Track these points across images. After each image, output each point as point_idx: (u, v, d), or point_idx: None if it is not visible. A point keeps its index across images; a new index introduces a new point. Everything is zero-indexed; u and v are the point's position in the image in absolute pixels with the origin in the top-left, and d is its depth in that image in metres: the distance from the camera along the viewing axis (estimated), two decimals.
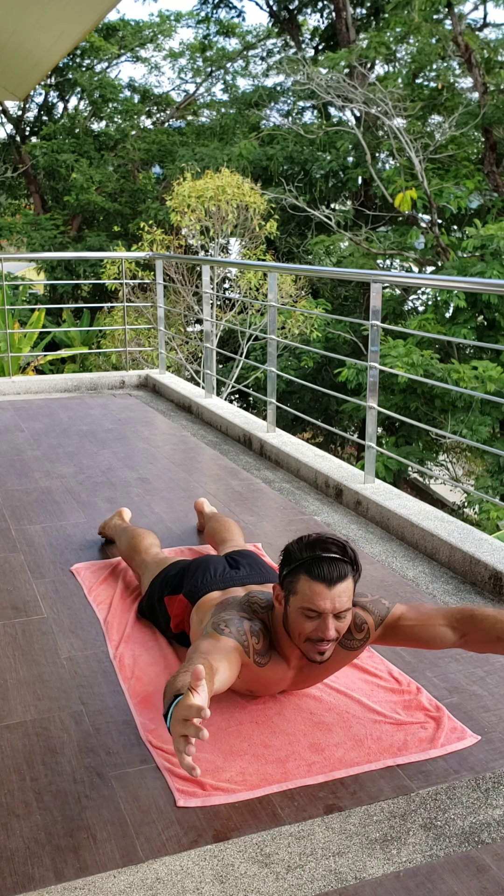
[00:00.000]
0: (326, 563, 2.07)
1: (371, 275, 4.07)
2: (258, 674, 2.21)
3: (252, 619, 2.20)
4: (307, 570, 2.08)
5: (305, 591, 2.08)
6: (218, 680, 1.93)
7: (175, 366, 13.26)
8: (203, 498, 3.81)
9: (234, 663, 2.05)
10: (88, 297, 21.11)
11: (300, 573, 2.09)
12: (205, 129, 21.56)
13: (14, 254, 11.74)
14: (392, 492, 4.01)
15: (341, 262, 15.86)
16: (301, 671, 2.26)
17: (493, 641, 2.16)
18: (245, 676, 2.20)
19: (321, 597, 2.06)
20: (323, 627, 2.08)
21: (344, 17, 18.02)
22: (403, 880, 1.76)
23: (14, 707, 2.38)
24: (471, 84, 16.11)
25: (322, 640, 2.09)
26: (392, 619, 2.25)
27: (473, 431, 11.75)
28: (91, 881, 1.76)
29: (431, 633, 2.22)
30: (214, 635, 2.11)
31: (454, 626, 2.21)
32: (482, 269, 12.47)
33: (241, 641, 2.12)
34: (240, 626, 2.15)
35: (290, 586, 2.12)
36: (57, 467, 4.72)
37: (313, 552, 2.09)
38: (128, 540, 3.21)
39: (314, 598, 2.06)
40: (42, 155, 19.94)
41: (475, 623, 2.18)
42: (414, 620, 2.24)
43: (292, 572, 2.11)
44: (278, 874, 1.78)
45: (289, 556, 2.15)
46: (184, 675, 1.84)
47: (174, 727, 1.67)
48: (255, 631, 2.17)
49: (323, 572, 2.06)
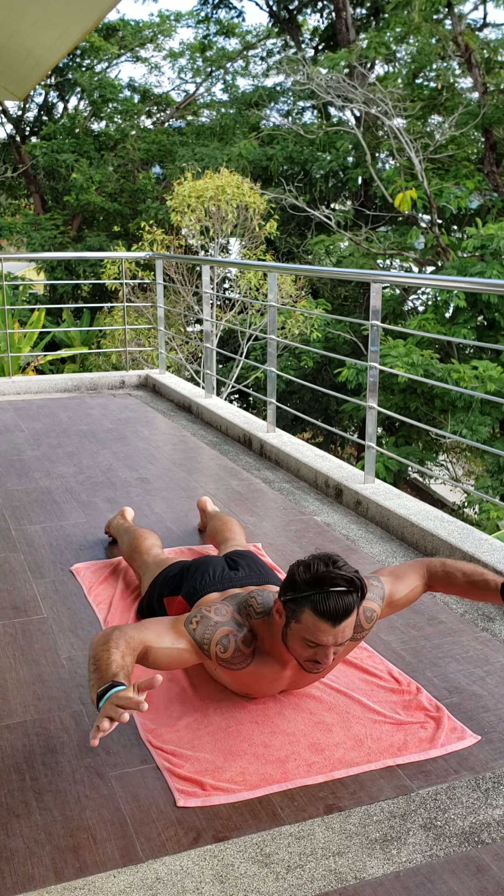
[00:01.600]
0: (333, 599, 1.98)
1: (371, 275, 4.07)
2: (244, 676, 2.22)
3: (240, 626, 2.18)
4: (312, 606, 2.00)
5: (309, 624, 2.01)
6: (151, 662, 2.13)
7: (175, 366, 13.26)
8: (206, 497, 3.81)
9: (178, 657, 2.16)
10: (88, 297, 21.12)
11: (305, 605, 2.01)
12: (205, 129, 21.56)
13: (14, 254, 11.74)
14: (392, 492, 4.01)
15: (341, 262, 15.86)
16: (300, 670, 2.26)
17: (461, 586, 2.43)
18: (233, 680, 2.25)
19: (325, 633, 2.01)
20: (322, 655, 2.05)
21: (344, 17, 18.02)
22: (403, 880, 1.76)
23: (14, 707, 2.38)
24: (471, 84, 16.11)
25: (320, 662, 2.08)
26: (388, 599, 2.38)
27: (473, 431, 11.75)
28: (91, 881, 1.76)
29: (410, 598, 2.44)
30: (178, 624, 2.20)
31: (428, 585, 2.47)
32: (482, 269, 12.47)
33: (200, 643, 2.16)
34: (209, 631, 2.16)
35: (294, 614, 2.05)
36: (57, 467, 4.72)
37: (321, 588, 1.99)
38: (129, 540, 3.21)
39: (317, 634, 2.01)
40: (42, 155, 19.94)
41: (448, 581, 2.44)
42: (402, 593, 2.42)
43: (297, 601, 2.04)
44: (278, 874, 1.78)
45: (294, 583, 2.05)
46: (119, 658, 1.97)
47: (106, 708, 1.82)
48: (228, 642, 2.15)
49: (329, 610, 1.98)
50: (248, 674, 2.23)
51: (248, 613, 2.23)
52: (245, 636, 2.18)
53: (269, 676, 2.25)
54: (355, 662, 2.59)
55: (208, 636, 2.16)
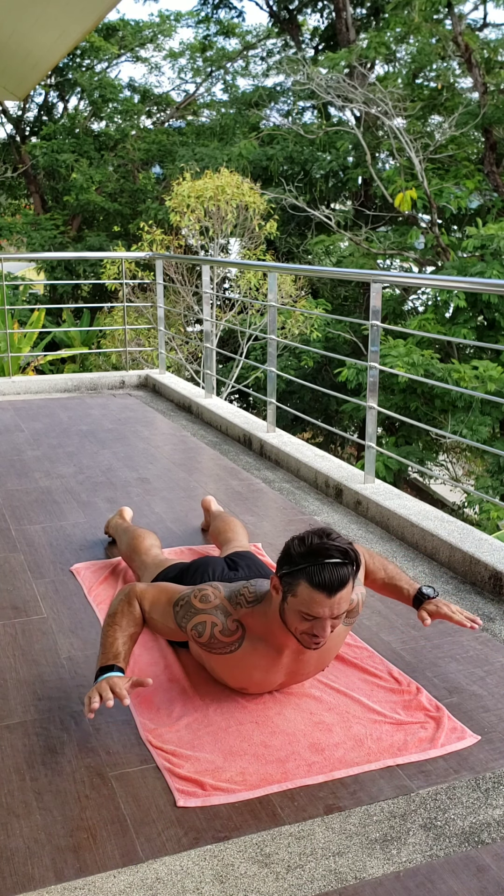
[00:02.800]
0: (328, 570, 2.03)
1: (371, 275, 4.07)
2: (227, 662, 2.28)
3: (225, 615, 2.23)
4: (308, 578, 2.04)
5: (305, 596, 2.05)
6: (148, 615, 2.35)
7: (175, 366, 13.26)
8: (211, 496, 3.81)
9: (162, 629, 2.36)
10: (88, 297, 21.11)
11: (300, 578, 2.05)
12: (205, 129, 21.56)
13: (14, 254, 11.74)
14: (392, 492, 4.01)
15: (341, 262, 15.86)
16: (298, 656, 2.26)
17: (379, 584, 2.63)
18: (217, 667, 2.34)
19: (321, 605, 2.04)
20: (320, 628, 2.08)
21: (344, 17, 18.02)
22: (403, 880, 1.76)
23: (14, 707, 2.38)
24: (471, 84, 16.11)
25: (318, 636, 2.10)
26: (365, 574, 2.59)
27: (473, 431, 11.75)
28: (91, 881, 1.76)
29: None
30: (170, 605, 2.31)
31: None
32: (482, 269, 12.47)
33: (179, 624, 2.28)
34: (187, 616, 2.25)
35: (290, 587, 2.09)
36: (57, 467, 4.72)
37: (316, 560, 2.04)
38: (128, 540, 3.21)
39: (313, 606, 2.04)
40: (42, 155, 19.94)
41: (372, 574, 2.63)
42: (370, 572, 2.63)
43: (292, 574, 2.08)
44: (278, 874, 1.78)
45: (289, 556, 2.10)
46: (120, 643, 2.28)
47: (100, 685, 2.14)
48: (203, 629, 2.23)
49: (324, 581, 2.02)
50: (239, 659, 2.24)
51: (237, 602, 2.24)
52: (225, 626, 2.22)
53: (263, 664, 2.25)
54: (355, 662, 2.59)
55: (185, 621, 2.26)
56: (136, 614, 2.35)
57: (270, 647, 2.22)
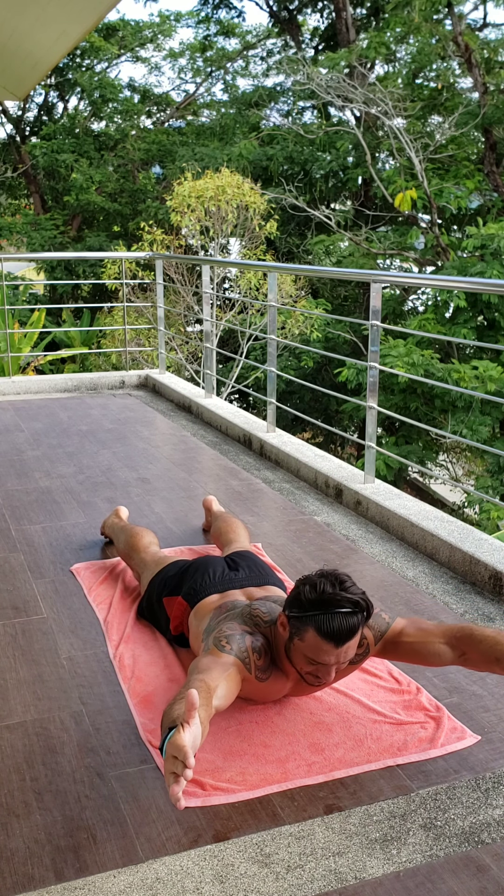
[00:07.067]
0: (338, 620, 1.99)
1: (371, 275, 4.07)
2: (259, 688, 2.21)
3: (254, 634, 2.18)
4: (317, 627, 2.01)
5: (312, 643, 2.03)
6: (217, 698, 1.94)
7: (175, 366, 13.26)
8: (212, 496, 3.81)
9: (233, 680, 2.05)
10: (88, 297, 21.11)
11: (309, 624, 2.03)
12: (205, 129, 21.56)
13: (14, 254, 11.74)
14: (392, 492, 4.00)
15: (341, 262, 15.86)
16: (300, 682, 2.26)
17: (491, 662, 2.13)
18: (246, 690, 2.20)
19: (328, 654, 2.03)
20: (324, 673, 2.08)
21: (344, 17, 18.02)
22: (403, 880, 1.76)
23: (14, 707, 2.38)
24: (471, 84, 16.11)
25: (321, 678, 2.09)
26: (392, 635, 2.24)
27: (473, 431, 11.75)
28: (91, 881, 1.76)
29: (430, 650, 2.21)
30: (215, 651, 2.09)
31: (453, 644, 2.19)
32: (482, 269, 12.47)
33: (241, 658, 2.11)
34: (241, 643, 2.13)
35: (297, 631, 2.06)
36: (57, 467, 4.72)
37: (326, 609, 2.00)
38: (126, 539, 3.20)
39: (320, 654, 2.03)
40: (42, 155, 19.94)
41: (474, 643, 2.15)
42: (413, 637, 2.22)
43: (301, 620, 2.05)
44: (278, 874, 1.77)
45: (299, 601, 2.05)
46: (180, 703, 1.82)
47: (166, 763, 1.66)
48: (257, 647, 2.15)
49: (333, 631, 2.00)
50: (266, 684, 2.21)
51: (255, 623, 2.22)
52: (264, 643, 2.18)
53: (276, 687, 2.25)
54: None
55: (244, 648, 2.12)
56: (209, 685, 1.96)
57: (281, 672, 2.22)
